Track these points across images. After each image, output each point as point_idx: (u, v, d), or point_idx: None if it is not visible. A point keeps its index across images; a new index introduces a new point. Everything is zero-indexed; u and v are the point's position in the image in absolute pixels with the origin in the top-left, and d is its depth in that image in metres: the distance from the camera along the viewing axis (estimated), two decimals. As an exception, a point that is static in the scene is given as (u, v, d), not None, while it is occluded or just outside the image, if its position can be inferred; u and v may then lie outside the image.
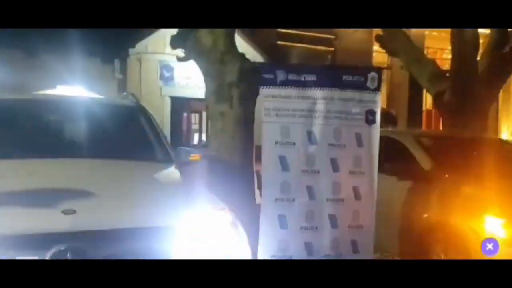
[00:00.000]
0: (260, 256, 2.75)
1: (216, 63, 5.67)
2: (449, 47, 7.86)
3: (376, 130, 3.45)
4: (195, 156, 3.76)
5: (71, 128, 3.37)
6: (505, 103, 17.08)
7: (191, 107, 13.23)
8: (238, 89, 5.60)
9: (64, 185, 2.38)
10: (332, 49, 15.04)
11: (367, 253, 3.51)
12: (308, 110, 3.48)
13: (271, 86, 3.52)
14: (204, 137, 13.98)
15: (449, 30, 7.65)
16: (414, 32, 14.63)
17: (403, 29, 8.39)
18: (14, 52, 11.21)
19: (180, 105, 12.21)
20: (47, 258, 1.91)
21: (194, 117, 14.19)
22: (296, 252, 3.39)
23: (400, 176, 4.42)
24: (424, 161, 4.41)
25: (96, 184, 2.47)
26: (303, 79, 3.49)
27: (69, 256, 1.93)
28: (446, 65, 14.27)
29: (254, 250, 2.93)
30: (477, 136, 5.86)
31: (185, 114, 13.35)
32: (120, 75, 11.98)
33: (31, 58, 11.20)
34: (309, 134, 3.48)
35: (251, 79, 5.71)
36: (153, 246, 2.12)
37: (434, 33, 16.12)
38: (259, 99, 5.14)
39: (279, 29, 14.36)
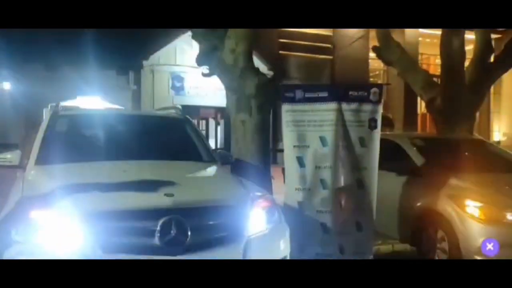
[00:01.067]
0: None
1: (236, 79, 6.62)
2: (441, 55, 8.78)
3: (377, 134, 4.37)
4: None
5: (139, 137, 4.28)
6: (496, 105, 18.09)
7: (199, 114, 14.16)
8: (256, 100, 6.56)
9: (153, 178, 3.31)
10: (331, 57, 15.98)
11: (369, 231, 4.42)
12: (320, 120, 4.39)
13: (291, 103, 4.44)
14: (211, 142, 14.90)
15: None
16: (408, 40, 15.64)
17: (397, 41, 9.34)
18: (37, 66, 12.10)
19: (189, 112, 13.03)
20: (158, 226, 2.83)
21: (201, 124, 15.12)
22: (313, 230, 4.30)
23: (398, 172, 5.35)
24: (417, 159, 5.34)
25: (175, 177, 3.40)
26: (317, 95, 4.42)
27: (173, 225, 2.85)
28: (439, 70, 15.29)
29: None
30: (461, 137, 6.82)
31: (194, 121, 14.27)
32: (134, 85, 12.89)
33: (52, 71, 12.08)
34: (321, 138, 4.40)
35: (267, 92, 6.70)
36: (227, 220, 3.05)
37: (427, 40, 17.10)
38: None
39: (280, 39, 15.30)
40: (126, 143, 4.20)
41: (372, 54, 15.92)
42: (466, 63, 8.51)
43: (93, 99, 12.76)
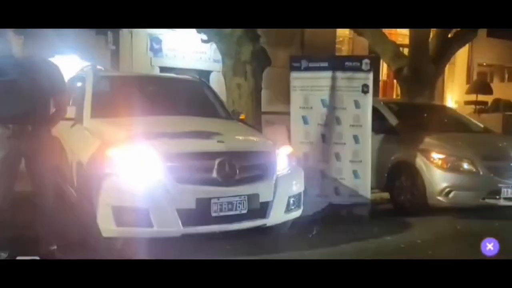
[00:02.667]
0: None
1: (233, 45, 7.49)
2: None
3: (369, 97, 5.44)
4: (242, 116, 5.66)
5: (170, 96, 5.15)
6: (450, 76, 19.74)
7: (177, 77, 14.78)
8: (251, 66, 7.50)
9: (201, 129, 4.23)
10: (301, 23, 16.89)
11: (365, 180, 5.51)
12: (321, 86, 5.41)
13: (298, 71, 5.42)
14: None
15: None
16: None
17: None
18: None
19: (167, 74, 13.68)
20: (215, 165, 3.77)
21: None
22: (314, 176, 5.35)
23: (376, 131, 6.45)
24: (392, 120, 6.48)
25: (216, 129, 4.33)
26: (319, 65, 5.43)
27: (226, 165, 3.80)
28: (399, 38, 16.46)
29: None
30: (427, 102, 8.10)
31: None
32: (113, 46, 13.22)
33: (28, 29, 12.21)
34: (322, 101, 5.44)
35: (261, 58, 7.63)
36: (263, 162, 4.05)
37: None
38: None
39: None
40: (161, 101, 5.06)
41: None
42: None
43: (71, 58, 13.08)
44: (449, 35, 9.93)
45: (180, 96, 5.23)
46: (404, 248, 4.52)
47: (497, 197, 5.51)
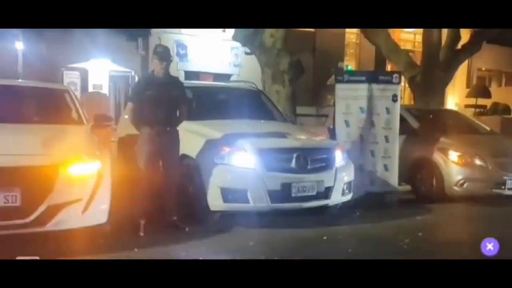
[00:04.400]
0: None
1: (273, 57, 8.81)
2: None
3: (398, 105, 6.76)
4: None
5: (239, 103, 6.40)
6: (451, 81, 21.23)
7: (200, 79, 16.03)
8: (288, 75, 8.82)
9: (276, 130, 5.51)
10: (313, 30, 18.18)
11: (394, 172, 6.83)
12: (359, 95, 6.74)
13: (341, 83, 6.73)
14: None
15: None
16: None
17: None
18: (52, 30, 13.30)
19: (192, 78, 14.96)
20: (294, 157, 5.05)
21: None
22: (355, 169, 6.64)
23: (399, 133, 7.78)
24: (414, 123, 7.78)
25: (285, 129, 5.61)
26: (357, 78, 6.75)
27: (301, 158, 5.07)
28: (401, 44, 17.79)
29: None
30: (442, 108, 9.47)
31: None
32: (143, 51, 14.50)
33: (67, 35, 13.36)
34: (361, 108, 6.76)
35: (297, 68, 8.94)
36: (327, 156, 5.34)
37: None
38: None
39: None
40: (232, 107, 6.32)
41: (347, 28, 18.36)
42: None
43: (104, 62, 14.31)
44: (457, 47, 11.30)
45: (246, 102, 6.49)
46: (428, 225, 5.81)
47: (503, 187, 6.84)
